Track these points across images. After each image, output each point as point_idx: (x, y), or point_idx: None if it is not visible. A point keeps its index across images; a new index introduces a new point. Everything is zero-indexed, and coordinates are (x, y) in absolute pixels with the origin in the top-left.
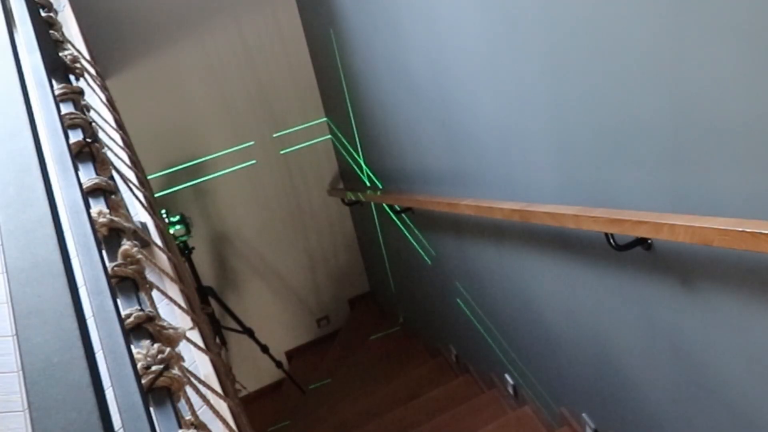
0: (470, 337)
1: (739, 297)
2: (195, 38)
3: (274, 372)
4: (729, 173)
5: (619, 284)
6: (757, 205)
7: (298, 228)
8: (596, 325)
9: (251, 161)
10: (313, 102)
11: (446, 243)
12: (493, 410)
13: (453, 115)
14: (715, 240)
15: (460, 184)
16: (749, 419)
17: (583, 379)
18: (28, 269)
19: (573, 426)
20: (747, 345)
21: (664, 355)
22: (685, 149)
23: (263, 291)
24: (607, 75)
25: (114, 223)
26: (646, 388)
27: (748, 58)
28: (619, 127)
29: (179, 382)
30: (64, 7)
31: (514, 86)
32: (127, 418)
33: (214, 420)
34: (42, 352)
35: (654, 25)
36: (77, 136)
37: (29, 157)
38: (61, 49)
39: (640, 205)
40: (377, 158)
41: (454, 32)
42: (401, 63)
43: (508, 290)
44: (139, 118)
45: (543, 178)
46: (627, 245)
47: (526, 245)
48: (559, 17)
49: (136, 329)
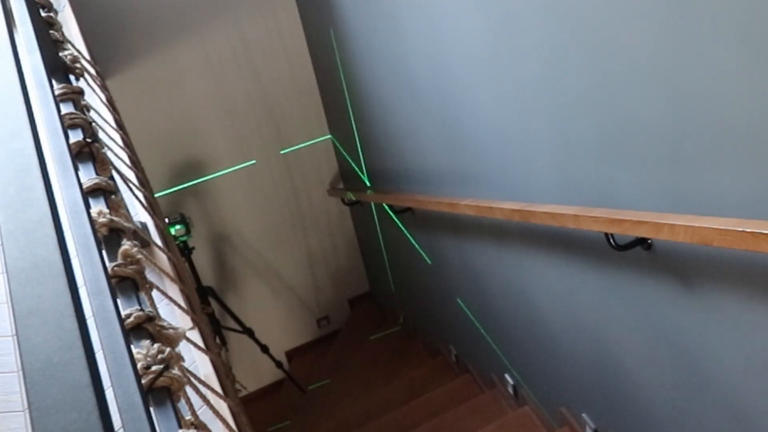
0: (470, 337)
1: (738, 297)
2: (195, 38)
3: (274, 372)
4: (729, 173)
5: (618, 284)
6: (757, 206)
7: (298, 228)
8: (596, 324)
9: (251, 161)
10: (313, 102)
11: (446, 243)
12: (493, 410)
13: (453, 115)
14: (715, 240)
15: (460, 184)
16: (749, 418)
17: (583, 378)
18: (28, 269)
19: (573, 426)
20: (747, 345)
21: (664, 355)
22: (685, 149)
23: (263, 291)
24: (608, 75)
25: (114, 223)
26: (646, 388)
27: (748, 59)
28: (619, 127)
29: (179, 382)
30: (64, 7)
31: (514, 86)
32: (127, 418)
33: (214, 420)
34: (42, 352)
35: (654, 25)
36: (77, 136)
37: (29, 157)
38: (61, 49)
39: (640, 205)
40: (377, 158)
41: (455, 33)
42: (401, 63)
43: (508, 290)
44: (139, 118)
45: (543, 178)
46: (627, 245)
47: (526, 245)
48: (559, 18)
49: (136, 329)
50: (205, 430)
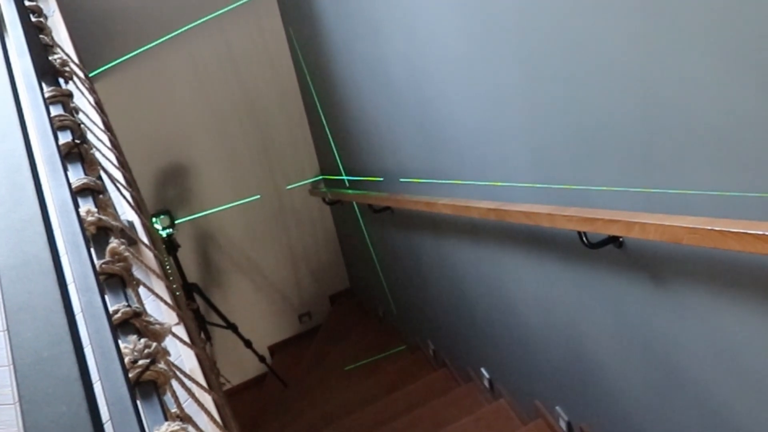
0: (448, 333)
1: (707, 293)
2: (181, 42)
3: (257, 366)
4: (697, 174)
5: (591, 281)
6: (724, 205)
7: (281, 226)
8: (569, 320)
9: (234, 162)
10: (296, 104)
11: (424, 242)
12: (470, 403)
13: (431, 118)
14: (685, 238)
15: (438, 184)
16: (715, 410)
17: (557, 373)
18: (19, 266)
19: (547, 418)
20: (714, 339)
21: (635, 350)
22: (656, 151)
23: (247, 288)
24: (581, 79)
25: (102, 221)
26: (618, 382)
27: (716, 64)
28: (592, 129)
29: (165, 375)
30: (54, 12)
31: (490, 89)
32: (114, 411)
33: (199, 413)
34: (32, 347)
35: (626, 31)
36: (66, 138)
37: (20, 157)
38: (51, 53)
39: (612, 204)
40: (358, 159)
41: (432, 37)
42: (381, 67)
43: (484, 287)
44: (126, 121)
45: (518, 178)
46: (599, 243)
47: (501, 243)
48: (534, 23)
49: (123, 325)
50: (190, 423)
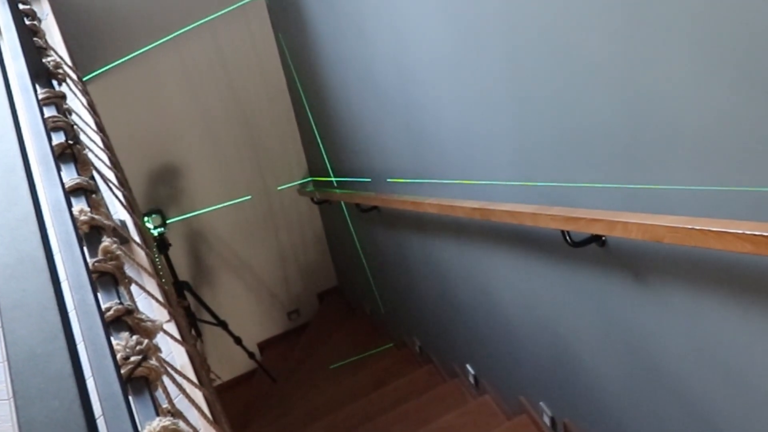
0: (433, 330)
1: (688, 291)
2: (173, 46)
3: (246, 362)
4: (679, 174)
5: (574, 279)
6: (705, 204)
7: (270, 225)
8: (553, 317)
9: (224, 162)
10: (285, 107)
11: (410, 240)
12: (455, 399)
13: (417, 118)
14: (666, 237)
15: (424, 184)
16: (695, 407)
17: (541, 369)
18: (13, 265)
19: (531, 414)
20: (695, 336)
21: (618, 347)
22: (638, 151)
23: (236, 285)
24: (565, 80)
25: (95, 220)
26: (601, 378)
27: (698, 65)
28: (576, 130)
29: (157, 372)
30: (48, 15)
31: (475, 91)
32: (107, 407)
33: (189, 408)
34: (26, 344)
35: (609, 31)
36: (60, 138)
37: (14, 158)
38: (45, 55)
39: (595, 204)
40: (345, 160)
41: (419, 39)
42: (368, 70)
43: (470, 285)
44: (119, 122)
45: (503, 178)
46: (582, 242)
47: (486, 242)
48: (518, 25)
49: (115, 322)
50: (181, 418)
